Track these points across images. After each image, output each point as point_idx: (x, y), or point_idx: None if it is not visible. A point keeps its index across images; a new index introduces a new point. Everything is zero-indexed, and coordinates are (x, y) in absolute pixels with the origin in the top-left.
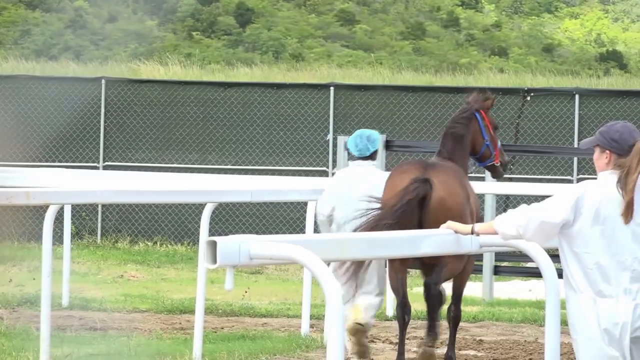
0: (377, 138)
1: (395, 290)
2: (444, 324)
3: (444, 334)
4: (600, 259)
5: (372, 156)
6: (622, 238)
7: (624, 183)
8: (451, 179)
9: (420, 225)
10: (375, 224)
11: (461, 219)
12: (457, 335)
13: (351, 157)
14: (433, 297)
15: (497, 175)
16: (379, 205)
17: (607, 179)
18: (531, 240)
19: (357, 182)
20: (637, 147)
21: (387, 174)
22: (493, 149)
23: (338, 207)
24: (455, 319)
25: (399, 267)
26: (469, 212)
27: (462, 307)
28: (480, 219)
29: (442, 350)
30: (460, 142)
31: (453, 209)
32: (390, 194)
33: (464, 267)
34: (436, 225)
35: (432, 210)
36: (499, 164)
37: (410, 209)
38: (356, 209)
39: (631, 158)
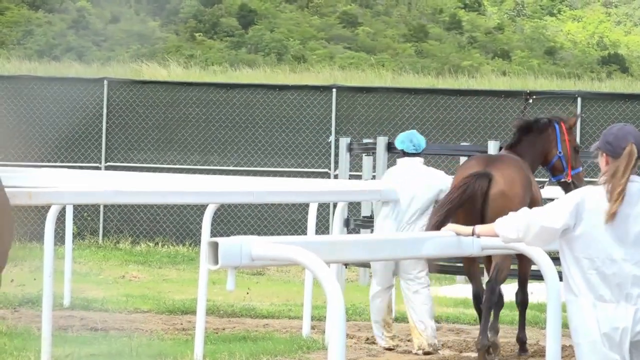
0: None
1: (469, 277)
2: (445, 326)
3: (445, 336)
4: (600, 265)
5: (421, 153)
6: (623, 243)
7: (610, 187)
8: (512, 172)
9: (482, 218)
10: (436, 218)
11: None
12: (458, 337)
13: (398, 155)
14: (496, 297)
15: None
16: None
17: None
18: (531, 244)
19: (414, 179)
20: (627, 150)
21: (437, 171)
22: (566, 165)
23: (397, 206)
24: (522, 303)
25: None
26: (531, 202)
27: (463, 310)
28: None
29: (446, 352)
30: (530, 143)
31: (514, 200)
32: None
33: None
34: (498, 216)
35: (492, 202)
36: (570, 182)
37: (464, 200)
38: (416, 207)
39: (620, 160)
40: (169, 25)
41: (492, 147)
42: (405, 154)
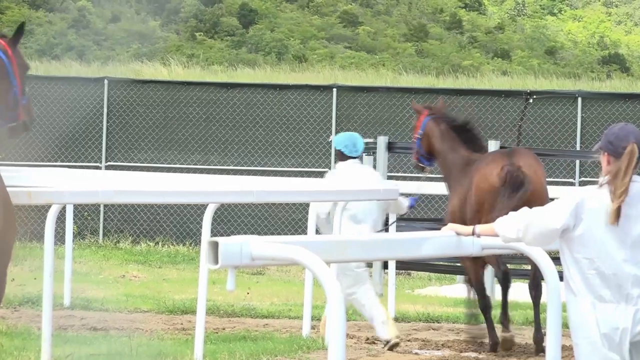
0: None
1: (475, 280)
2: (445, 326)
3: (445, 336)
4: (600, 265)
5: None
6: (623, 243)
7: (613, 186)
8: (536, 164)
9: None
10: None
11: (544, 196)
12: (459, 337)
13: (340, 159)
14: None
15: None
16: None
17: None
18: (530, 244)
19: (367, 177)
20: (628, 149)
21: (374, 171)
22: None
23: (361, 205)
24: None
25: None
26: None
27: (464, 309)
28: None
29: (446, 352)
30: None
31: (539, 191)
32: (485, 184)
33: None
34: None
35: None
36: None
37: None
38: (369, 206)
39: (622, 161)
40: (169, 25)
41: (492, 147)
42: (344, 156)
